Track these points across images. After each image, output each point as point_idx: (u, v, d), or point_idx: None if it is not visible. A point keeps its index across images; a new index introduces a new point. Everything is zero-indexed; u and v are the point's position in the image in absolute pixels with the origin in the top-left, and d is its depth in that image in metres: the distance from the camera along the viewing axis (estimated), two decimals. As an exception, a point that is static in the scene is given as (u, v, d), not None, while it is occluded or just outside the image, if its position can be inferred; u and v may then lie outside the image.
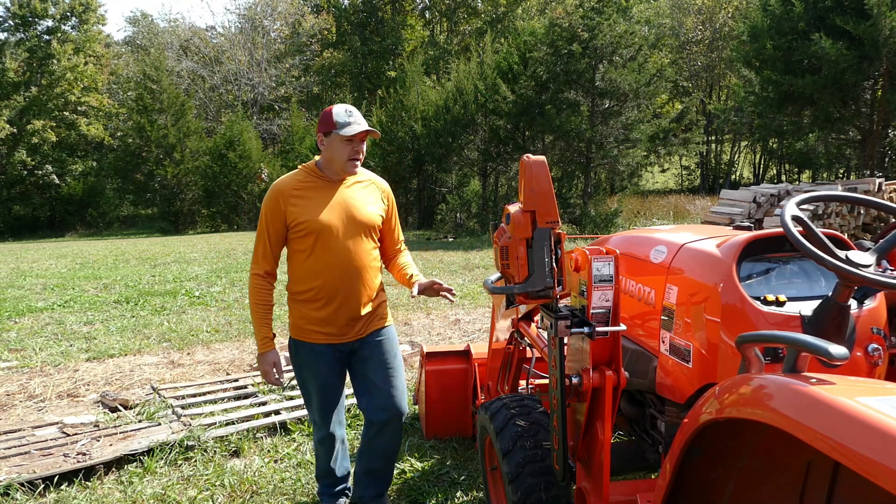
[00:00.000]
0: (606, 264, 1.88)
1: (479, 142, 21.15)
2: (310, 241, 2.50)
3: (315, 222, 2.48)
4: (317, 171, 2.57)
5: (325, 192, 2.54)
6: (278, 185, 2.55)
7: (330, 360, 2.62)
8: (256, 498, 3.19)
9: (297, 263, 2.58)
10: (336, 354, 2.63)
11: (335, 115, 2.45)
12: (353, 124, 2.44)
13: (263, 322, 2.59)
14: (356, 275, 2.56)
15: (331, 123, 2.45)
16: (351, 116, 2.46)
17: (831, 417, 1.02)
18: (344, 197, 2.56)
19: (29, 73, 31.50)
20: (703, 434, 1.38)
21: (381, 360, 2.67)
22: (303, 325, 2.60)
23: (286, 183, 2.54)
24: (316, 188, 2.54)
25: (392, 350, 2.71)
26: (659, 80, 19.03)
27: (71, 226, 30.78)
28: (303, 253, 2.53)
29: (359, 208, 2.56)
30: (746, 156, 35.52)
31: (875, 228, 10.64)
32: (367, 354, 2.66)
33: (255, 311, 2.59)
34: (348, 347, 2.64)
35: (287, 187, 2.52)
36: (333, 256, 2.51)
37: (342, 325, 2.57)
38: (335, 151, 2.48)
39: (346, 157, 2.48)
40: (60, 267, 13.08)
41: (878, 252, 1.74)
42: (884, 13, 13.83)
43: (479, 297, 8.44)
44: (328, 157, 2.52)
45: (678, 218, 19.33)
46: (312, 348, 2.60)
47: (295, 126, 29.56)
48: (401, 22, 34.86)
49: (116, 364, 5.64)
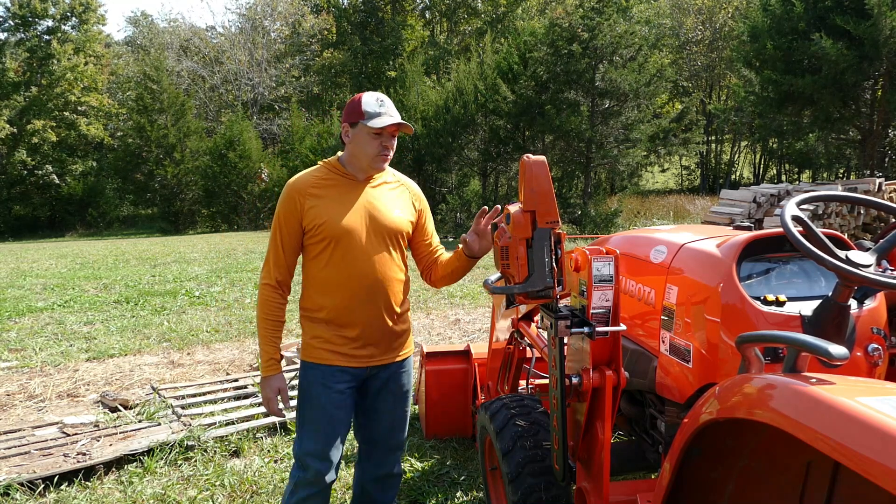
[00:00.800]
0: (606, 264, 1.88)
1: (479, 142, 21.16)
2: (328, 247, 2.19)
3: (334, 225, 2.16)
4: (339, 168, 2.25)
5: (347, 191, 2.23)
6: (295, 182, 2.23)
7: (343, 387, 2.24)
8: (256, 498, 3.19)
9: (312, 275, 2.25)
10: (351, 381, 2.26)
11: (364, 104, 2.15)
12: (385, 115, 2.16)
13: (271, 340, 2.25)
14: (380, 288, 2.23)
15: (359, 113, 2.15)
16: (382, 106, 2.17)
17: (831, 417, 1.02)
18: (369, 198, 2.24)
19: (29, 73, 31.50)
20: (703, 434, 1.38)
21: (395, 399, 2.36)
22: (316, 346, 2.24)
23: (304, 180, 2.23)
24: (337, 187, 2.23)
25: (408, 387, 2.41)
26: (659, 80, 19.05)
27: (71, 226, 30.78)
28: (319, 261, 2.21)
29: (385, 212, 2.25)
30: (746, 156, 35.53)
31: (875, 228, 10.64)
32: (379, 386, 2.33)
33: (263, 326, 2.25)
34: (364, 373, 2.29)
35: (305, 184, 2.21)
36: (354, 267, 2.19)
37: (361, 345, 2.24)
38: (361, 145, 2.18)
39: (374, 152, 2.18)
40: (60, 267, 13.07)
41: (878, 252, 1.74)
42: (884, 13, 13.84)
43: (479, 297, 8.44)
44: (353, 152, 2.22)
45: (678, 218, 19.33)
46: (324, 371, 2.23)
47: (295, 126, 29.57)
48: (401, 22, 34.88)
49: (116, 364, 5.64)
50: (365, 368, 2.27)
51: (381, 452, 2.41)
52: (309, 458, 2.22)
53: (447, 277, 2.39)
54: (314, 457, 2.22)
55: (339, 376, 2.23)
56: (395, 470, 2.46)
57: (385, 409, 2.35)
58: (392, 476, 2.46)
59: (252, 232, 24.82)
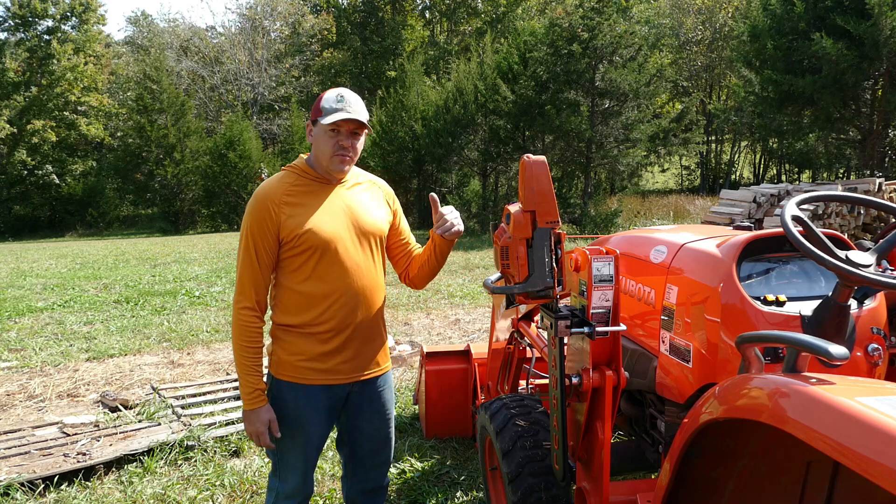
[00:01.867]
0: (606, 264, 1.88)
1: (479, 142, 21.15)
2: (311, 258, 2.03)
3: (318, 234, 2.01)
4: (309, 171, 2.09)
5: (323, 196, 2.08)
6: (266, 193, 2.04)
7: (323, 407, 2.12)
8: (256, 498, 3.19)
9: (290, 288, 2.06)
10: (331, 399, 2.14)
11: (323, 101, 2.01)
12: (341, 111, 1.99)
13: (253, 370, 2.03)
14: (368, 296, 2.11)
15: (317, 110, 2.02)
16: (341, 102, 2.00)
17: (831, 417, 1.02)
18: (347, 201, 2.11)
19: (29, 73, 31.51)
20: (703, 434, 1.38)
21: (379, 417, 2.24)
22: (296, 363, 2.08)
23: (274, 188, 2.05)
24: (311, 193, 2.07)
25: (391, 403, 2.29)
26: (659, 80, 19.06)
27: (71, 226, 30.78)
28: (300, 274, 2.04)
29: (364, 214, 2.12)
30: (746, 156, 35.52)
31: (875, 228, 10.64)
32: (361, 402, 2.20)
33: (243, 355, 2.03)
34: (346, 390, 2.16)
35: (277, 193, 2.03)
36: (341, 275, 2.05)
37: (345, 360, 2.11)
38: (319, 145, 2.04)
39: (330, 151, 2.02)
40: (60, 267, 13.07)
41: (878, 252, 1.74)
42: (884, 13, 13.83)
43: (479, 297, 8.44)
44: (315, 153, 2.09)
45: (678, 218, 19.32)
46: (307, 391, 2.09)
47: (295, 126, 29.59)
48: (401, 22, 34.89)
49: (116, 364, 5.64)
50: (346, 386, 2.15)
51: (367, 469, 2.31)
52: (290, 473, 2.16)
53: (426, 267, 2.26)
54: (295, 475, 2.17)
55: (321, 395, 2.11)
56: (384, 483, 2.38)
57: (369, 428, 2.23)
58: (381, 489, 2.39)
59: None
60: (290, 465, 2.16)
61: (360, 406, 2.21)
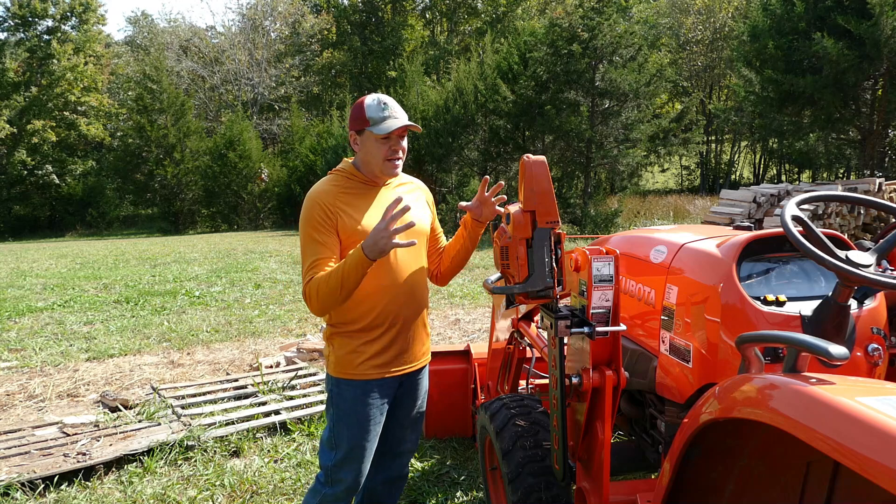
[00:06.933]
0: (606, 264, 1.88)
1: (479, 142, 21.15)
2: None
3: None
4: (358, 174, 2.18)
5: (370, 197, 2.18)
6: (320, 193, 2.12)
7: (382, 402, 2.22)
8: (256, 498, 3.19)
9: None
10: (386, 390, 2.23)
11: (367, 110, 2.09)
12: (390, 119, 2.08)
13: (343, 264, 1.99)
14: (415, 293, 2.23)
15: (363, 120, 2.09)
16: (385, 110, 2.09)
17: (831, 417, 1.02)
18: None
19: (29, 73, 31.52)
20: (703, 434, 1.38)
21: (415, 404, 2.36)
22: (353, 360, 2.16)
23: (328, 190, 2.14)
24: (362, 195, 2.17)
25: (426, 388, 2.41)
26: (659, 80, 19.04)
27: (71, 226, 30.80)
28: None
29: (412, 214, 2.15)
30: (746, 156, 35.54)
31: (875, 228, 10.64)
32: (403, 393, 2.31)
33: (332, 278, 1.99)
34: (398, 382, 2.27)
35: (330, 194, 2.12)
36: (391, 274, 2.15)
37: (397, 353, 2.20)
38: (371, 153, 2.12)
39: (383, 157, 2.12)
40: (60, 267, 13.08)
41: (878, 252, 1.74)
42: (885, 13, 13.83)
43: (479, 297, 8.44)
44: (364, 159, 2.16)
45: (678, 218, 19.32)
46: (364, 387, 2.18)
47: (295, 126, 29.58)
48: (401, 22, 34.89)
49: (116, 364, 5.64)
50: (398, 378, 2.25)
51: (392, 457, 2.40)
52: (345, 473, 2.21)
53: (458, 256, 2.34)
54: (351, 473, 2.21)
55: (379, 390, 2.20)
56: (405, 472, 2.47)
57: (403, 415, 2.34)
58: (401, 478, 2.47)
59: (252, 232, 24.83)
60: (348, 470, 2.20)
61: (402, 396, 2.31)
